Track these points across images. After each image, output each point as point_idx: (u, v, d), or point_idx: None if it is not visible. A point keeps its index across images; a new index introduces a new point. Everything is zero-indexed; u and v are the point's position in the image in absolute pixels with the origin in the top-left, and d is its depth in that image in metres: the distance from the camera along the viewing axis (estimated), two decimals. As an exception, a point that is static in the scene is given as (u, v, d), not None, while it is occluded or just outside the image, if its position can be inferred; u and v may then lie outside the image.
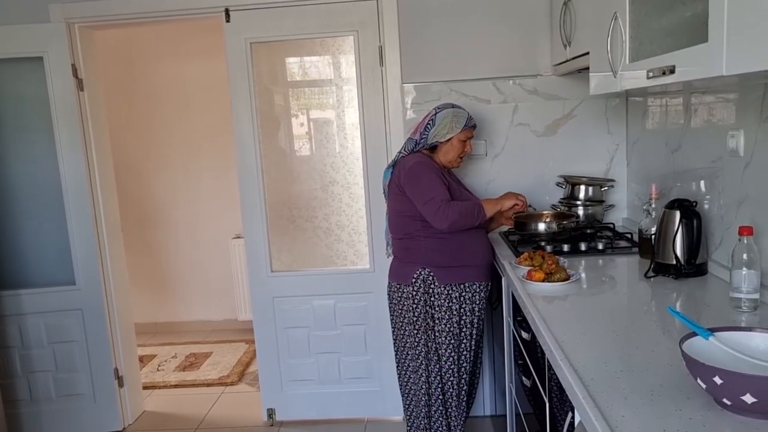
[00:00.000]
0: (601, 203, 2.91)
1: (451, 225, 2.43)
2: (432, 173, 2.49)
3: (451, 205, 2.43)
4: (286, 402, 3.33)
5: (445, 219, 2.41)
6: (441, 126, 2.54)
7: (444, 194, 2.45)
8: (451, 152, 2.59)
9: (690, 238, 2.03)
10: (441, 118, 2.55)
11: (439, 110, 2.58)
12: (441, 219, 2.42)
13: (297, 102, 3.27)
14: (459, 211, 2.43)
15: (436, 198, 2.43)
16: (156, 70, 4.64)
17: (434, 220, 2.44)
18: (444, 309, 2.54)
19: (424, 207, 2.45)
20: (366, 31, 3.01)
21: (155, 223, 4.85)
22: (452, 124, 2.54)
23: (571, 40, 2.56)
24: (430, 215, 2.44)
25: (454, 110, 2.58)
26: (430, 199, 2.44)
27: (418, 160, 2.53)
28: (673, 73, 1.50)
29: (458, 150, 2.59)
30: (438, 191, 2.45)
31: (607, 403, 1.22)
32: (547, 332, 1.62)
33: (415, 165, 2.51)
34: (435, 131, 2.55)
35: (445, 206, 2.42)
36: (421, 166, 2.51)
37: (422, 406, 2.65)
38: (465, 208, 2.45)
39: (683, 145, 2.34)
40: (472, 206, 2.48)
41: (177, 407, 3.64)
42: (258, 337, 3.29)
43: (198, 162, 4.73)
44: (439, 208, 2.42)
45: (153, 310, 4.90)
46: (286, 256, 3.28)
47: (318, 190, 3.22)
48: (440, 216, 2.42)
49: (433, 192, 2.45)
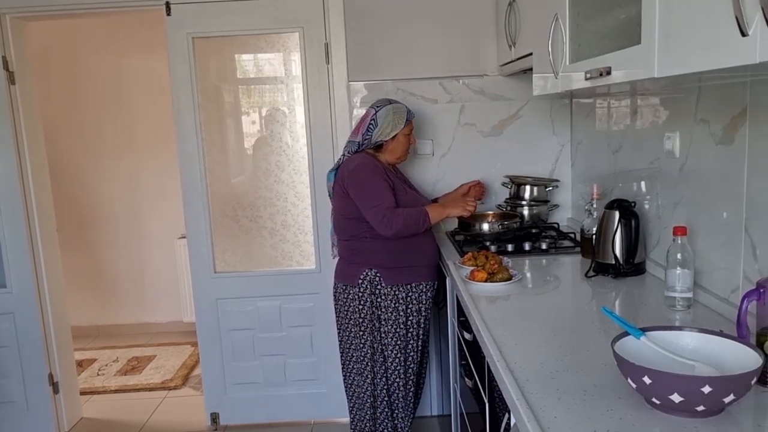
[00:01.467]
0: (545, 203, 2.94)
1: (395, 234, 2.41)
2: (376, 177, 2.45)
3: (396, 213, 2.40)
4: (230, 406, 3.25)
5: (390, 228, 2.39)
6: (384, 125, 2.51)
7: (389, 200, 2.42)
8: (398, 149, 2.57)
9: (628, 238, 2.06)
10: (383, 117, 2.52)
11: (378, 108, 2.55)
12: (385, 227, 2.40)
13: (242, 99, 3.20)
14: (404, 221, 2.40)
15: (381, 205, 2.40)
16: (97, 64, 4.47)
17: (379, 227, 2.41)
18: (391, 310, 2.52)
19: (369, 213, 2.42)
20: (312, 27, 2.96)
21: (97, 223, 4.68)
22: (395, 121, 2.52)
23: (516, 40, 2.57)
24: (375, 222, 2.41)
25: (393, 106, 2.56)
26: (376, 205, 2.41)
27: (362, 162, 2.49)
28: (609, 75, 1.50)
29: (405, 145, 2.58)
30: (383, 197, 2.41)
31: (541, 404, 1.22)
32: (486, 333, 1.61)
33: (358, 167, 2.47)
34: (379, 131, 2.52)
35: (390, 214, 2.39)
36: (365, 168, 2.47)
37: (367, 407, 2.62)
38: (410, 217, 2.42)
39: (624, 146, 2.38)
40: (418, 215, 2.44)
41: (117, 413, 3.52)
42: (201, 340, 3.20)
43: (142, 160, 4.60)
44: (384, 216, 2.39)
45: (94, 313, 4.74)
46: (230, 256, 3.20)
47: (263, 189, 3.16)
48: (385, 224, 2.39)
49: (378, 198, 2.41)
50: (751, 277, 1.53)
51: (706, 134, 1.74)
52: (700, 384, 1.04)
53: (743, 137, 1.56)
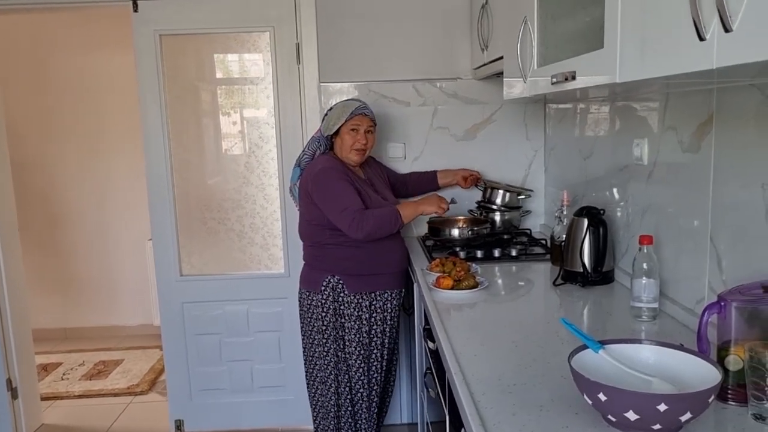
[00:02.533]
0: (518, 209, 2.90)
1: (367, 236, 2.32)
2: (340, 179, 2.36)
3: (365, 215, 2.30)
4: (195, 412, 3.18)
5: (361, 230, 2.30)
6: (331, 118, 2.47)
7: (356, 203, 2.33)
8: (343, 147, 2.46)
9: (596, 246, 2.03)
10: (332, 112, 2.49)
11: (334, 105, 2.54)
12: (356, 230, 2.30)
13: (211, 99, 3.12)
14: (374, 222, 2.31)
15: (349, 208, 2.30)
16: (64, 61, 4.37)
17: (349, 231, 2.31)
18: (354, 318, 2.45)
19: (338, 218, 2.33)
20: (283, 27, 2.90)
21: (64, 223, 4.58)
22: (339, 115, 2.44)
23: (488, 43, 2.54)
24: (345, 226, 2.32)
25: (346, 102, 2.51)
26: (343, 209, 2.31)
27: (325, 166, 2.41)
28: (574, 79, 1.47)
29: (349, 141, 2.44)
30: (350, 200, 2.32)
31: (494, 419, 1.17)
32: (447, 343, 1.57)
33: (322, 171, 2.39)
34: (326, 124, 2.49)
35: (359, 217, 2.29)
36: (329, 172, 2.38)
37: (331, 417, 2.55)
38: (381, 218, 2.33)
39: (595, 153, 2.35)
40: (389, 215, 2.35)
41: (79, 419, 3.42)
42: (166, 344, 3.13)
43: (111, 159, 4.50)
44: (353, 219, 2.29)
45: (61, 315, 4.63)
46: (196, 259, 3.13)
47: (231, 191, 3.09)
48: (355, 227, 2.30)
49: (345, 201, 2.32)
50: (716, 288, 1.50)
51: (673, 141, 1.71)
52: (656, 402, 1.00)
53: (709, 145, 1.53)
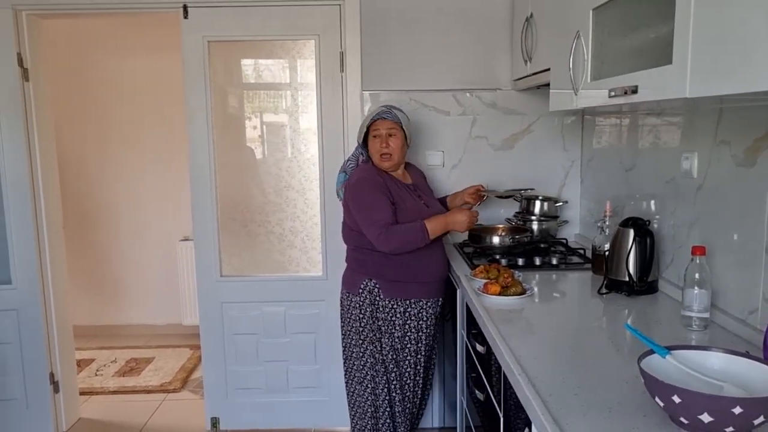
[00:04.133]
0: (555, 219, 2.94)
1: (393, 250, 2.40)
2: (374, 191, 2.42)
3: (391, 231, 2.36)
4: (231, 411, 3.24)
5: (387, 245, 2.38)
6: (360, 127, 2.58)
7: (386, 217, 2.38)
8: (374, 154, 2.52)
9: (643, 256, 2.07)
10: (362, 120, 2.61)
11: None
12: (382, 244, 2.38)
13: (253, 104, 3.21)
14: (400, 238, 2.37)
15: (377, 222, 2.37)
16: (102, 64, 4.47)
17: (376, 244, 2.40)
18: (388, 322, 2.50)
19: (367, 229, 2.41)
20: (327, 35, 2.97)
21: (98, 223, 4.67)
22: (363, 123, 2.55)
23: (532, 55, 2.59)
24: (372, 239, 2.40)
25: (373, 110, 2.59)
26: (372, 223, 2.39)
27: (361, 177, 2.48)
28: (635, 93, 1.52)
29: (374, 148, 2.50)
30: (380, 214, 2.38)
31: (566, 419, 1.22)
32: (505, 346, 1.61)
33: (357, 182, 2.47)
34: (358, 133, 2.59)
35: (385, 233, 2.36)
36: (363, 183, 2.45)
37: (368, 418, 2.59)
38: (406, 234, 2.38)
39: (638, 165, 2.39)
40: (415, 231, 2.38)
41: (115, 414, 3.49)
42: (204, 343, 3.19)
43: (145, 161, 4.58)
44: (379, 234, 2.36)
45: (93, 313, 4.71)
46: (236, 260, 3.20)
47: (272, 195, 3.16)
48: (381, 242, 2.38)
49: (374, 215, 2.39)
50: (770, 300, 1.54)
51: (726, 155, 1.75)
52: (731, 405, 1.04)
53: (766, 159, 1.57)
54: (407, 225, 2.40)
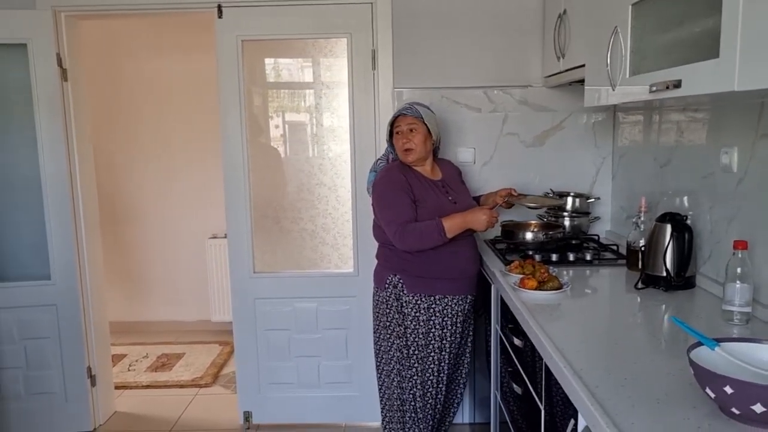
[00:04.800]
0: (587, 215, 2.95)
1: (409, 249, 2.43)
2: (394, 189, 2.46)
3: (407, 230, 2.39)
4: (263, 405, 3.28)
5: (402, 243, 2.41)
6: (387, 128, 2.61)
7: (403, 215, 2.41)
8: (398, 149, 2.55)
9: (680, 251, 2.07)
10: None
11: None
12: (398, 242, 2.42)
13: (285, 102, 3.25)
14: (415, 236, 2.39)
15: (394, 221, 2.42)
16: (133, 63, 4.55)
17: (394, 241, 2.44)
18: (411, 318, 2.49)
19: (385, 227, 2.46)
20: (360, 34, 3.00)
21: (129, 220, 4.75)
22: (388, 123, 2.61)
23: (565, 52, 2.59)
24: (390, 236, 2.44)
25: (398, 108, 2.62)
26: (390, 220, 2.43)
27: (383, 175, 2.54)
28: (678, 88, 1.52)
29: (398, 144, 2.54)
30: (397, 212, 2.42)
31: (615, 410, 1.23)
32: (547, 340, 1.63)
33: (379, 180, 2.53)
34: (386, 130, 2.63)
35: (402, 230, 2.39)
36: (384, 183, 2.51)
37: (395, 410, 2.60)
38: (423, 232, 2.39)
39: (673, 160, 2.38)
40: (431, 230, 2.38)
41: (149, 408, 3.55)
42: (237, 339, 3.24)
43: (175, 159, 4.65)
44: (396, 231, 2.40)
45: (124, 309, 4.79)
46: (269, 257, 3.24)
47: (305, 192, 3.20)
48: (398, 239, 2.41)
49: (392, 213, 2.43)
50: (814, 294, 1.53)
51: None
52: (785, 395, 1.05)
53: (811, 154, 1.57)
54: (424, 223, 2.41)
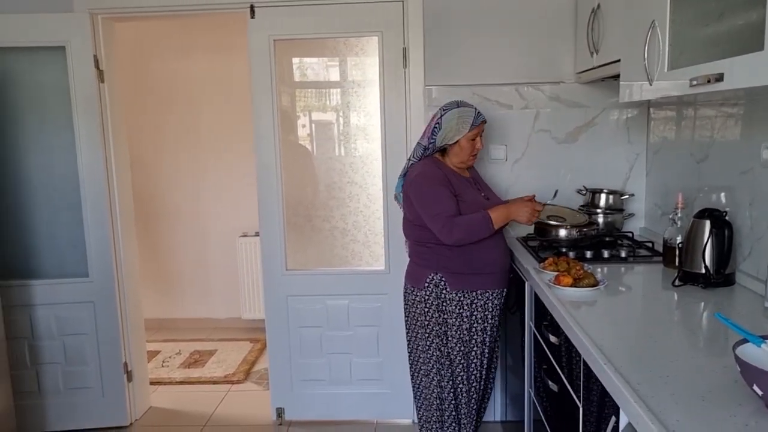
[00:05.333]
0: (620, 212, 2.92)
1: (456, 242, 2.41)
2: (436, 184, 2.44)
3: (455, 222, 2.38)
4: (295, 401, 3.31)
5: (450, 236, 2.39)
6: (448, 129, 2.48)
7: (449, 209, 2.40)
8: (461, 153, 2.52)
9: (720, 248, 2.04)
10: (447, 121, 2.48)
11: (444, 111, 2.51)
12: (446, 236, 2.40)
13: (312, 102, 3.27)
14: (464, 229, 2.39)
15: (441, 214, 2.39)
16: (163, 64, 4.62)
17: (440, 235, 2.41)
18: (455, 316, 2.52)
19: (430, 221, 2.43)
20: (390, 32, 3.01)
21: (161, 219, 4.82)
22: (459, 126, 2.47)
23: (599, 47, 2.57)
24: (436, 231, 2.41)
25: (460, 110, 2.50)
26: (435, 214, 2.40)
27: (422, 171, 2.49)
28: (720, 81, 1.50)
29: (468, 150, 2.52)
30: (443, 205, 2.40)
31: (659, 406, 1.22)
32: (586, 337, 1.62)
33: (419, 176, 2.48)
34: (442, 135, 2.49)
35: (449, 223, 2.38)
36: (424, 178, 2.47)
37: (434, 409, 2.63)
38: (471, 224, 2.40)
39: (710, 156, 2.35)
40: (479, 221, 2.40)
41: (183, 404, 3.61)
42: (270, 336, 3.27)
43: (206, 159, 4.71)
44: (443, 225, 2.38)
45: (156, 306, 4.86)
46: (300, 255, 3.26)
47: (336, 190, 3.22)
48: (445, 233, 2.39)
49: (437, 207, 2.41)
50: None
51: (811, 144, 1.72)
52: (837, 392, 1.03)
53: None
54: (471, 216, 2.41)
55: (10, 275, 3.14)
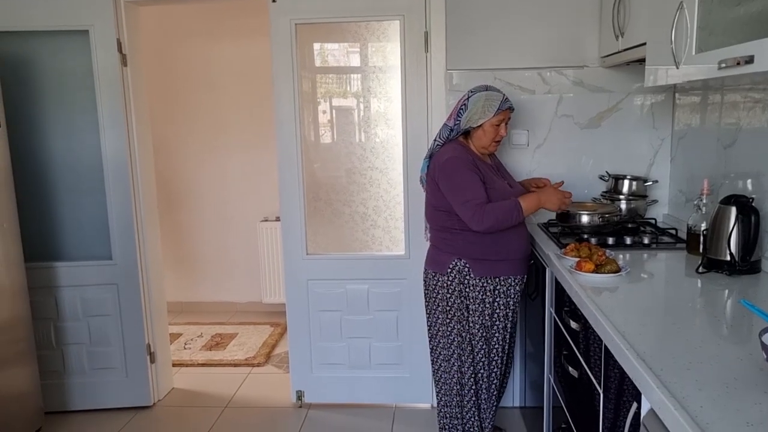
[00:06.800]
0: (644, 198, 2.88)
1: (487, 229, 2.38)
2: (466, 170, 2.40)
3: (486, 210, 2.35)
4: (315, 385, 3.34)
5: (481, 224, 2.36)
6: (473, 111, 2.45)
7: (480, 195, 2.37)
8: (483, 138, 2.49)
9: (746, 235, 2.00)
10: (473, 103, 2.45)
11: (472, 93, 2.48)
12: (477, 223, 2.36)
13: (332, 87, 3.27)
14: (495, 216, 2.35)
15: (471, 201, 2.36)
16: (187, 48, 4.63)
17: (471, 223, 2.38)
18: (478, 301, 2.52)
19: (460, 208, 2.40)
20: (412, 15, 2.98)
21: (183, 203, 4.86)
22: (484, 109, 2.43)
23: (624, 30, 2.53)
24: (467, 218, 2.38)
25: (488, 93, 2.46)
26: (466, 201, 2.37)
27: (452, 155, 2.45)
28: (751, 63, 1.47)
29: (491, 135, 2.48)
30: (474, 192, 2.37)
31: (682, 393, 1.20)
32: (608, 323, 1.60)
33: (448, 161, 2.43)
34: (467, 116, 2.46)
35: (480, 211, 2.35)
36: (455, 162, 2.42)
37: (454, 394, 2.64)
38: (502, 212, 2.36)
39: (738, 141, 2.31)
40: (510, 209, 2.38)
41: (205, 385, 3.66)
42: (290, 319, 3.29)
43: (227, 144, 4.74)
44: (474, 212, 2.35)
45: (178, 289, 4.93)
46: (321, 239, 3.28)
47: (356, 175, 3.22)
48: (476, 221, 2.36)
49: (468, 193, 2.38)
50: None
51: (844, 129, 1.67)
52: None
53: None
54: (502, 203, 2.39)
55: (36, 257, 3.19)
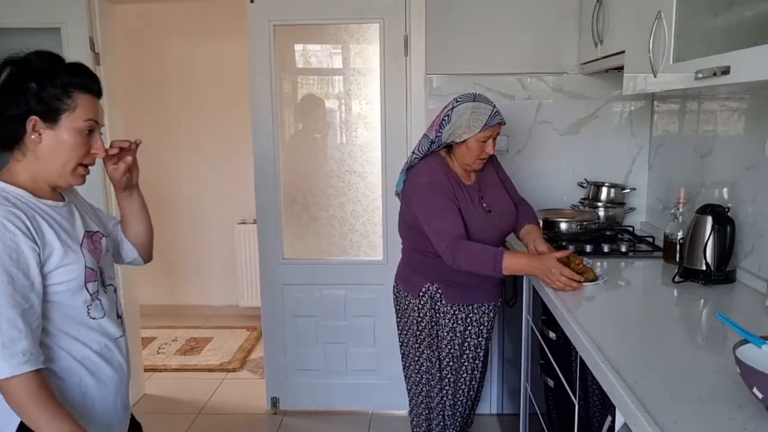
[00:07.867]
0: (621, 205, 2.89)
1: (457, 267, 2.14)
2: (442, 198, 2.17)
3: (461, 247, 2.11)
4: (290, 391, 3.29)
5: (452, 259, 2.12)
6: (457, 124, 2.16)
7: (455, 228, 2.14)
8: (467, 155, 2.21)
9: (722, 244, 2.00)
10: (458, 114, 2.16)
11: (457, 103, 2.19)
12: (448, 257, 2.13)
13: (314, 89, 3.23)
14: (470, 258, 2.11)
15: (446, 232, 2.13)
16: (164, 49, 4.55)
17: (443, 255, 2.15)
18: (447, 329, 2.36)
19: (432, 237, 2.18)
20: (392, 19, 2.96)
21: (158, 204, 4.73)
22: (470, 123, 2.14)
23: (603, 38, 2.52)
24: (439, 248, 2.15)
25: (475, 105, 2.16)
26: (439, 232, 2.15)
27: (427, 180, 2.21)
28: (727, 74, 1.46)
29: (476, 152, 2.19)
30: (449, 223, 2.14)
31: (656, 407, 1.19)
32: (583, 333, 1.59)
33: (424, 186, 2.21)
34: (450, 129, 2.17)
35: (454, 246, 2.11)
36: (431, 187, 2.19)
37: (422, 409, 2.50)
38: (478, 258, 2.11)
39: (714, 150, 2.31)
40: (488, 259, 2.10)
41: (178, 391, 3.59)
42: (265, 325, 3.25)
43: (204, 145, 4.66)
44: (448, 246, 2.12)
45: (153, 292, 4.84)
46: (298, 243, 3.23)
47: (334, 179, 3.18)
48: (449, 255, 2.13)
49: (442, 223, 2.15)
50: None
51: (818, 141, 1.68)
52: (840, 397, 1.00)
53: None
54: (482, 248, 2.13)
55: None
